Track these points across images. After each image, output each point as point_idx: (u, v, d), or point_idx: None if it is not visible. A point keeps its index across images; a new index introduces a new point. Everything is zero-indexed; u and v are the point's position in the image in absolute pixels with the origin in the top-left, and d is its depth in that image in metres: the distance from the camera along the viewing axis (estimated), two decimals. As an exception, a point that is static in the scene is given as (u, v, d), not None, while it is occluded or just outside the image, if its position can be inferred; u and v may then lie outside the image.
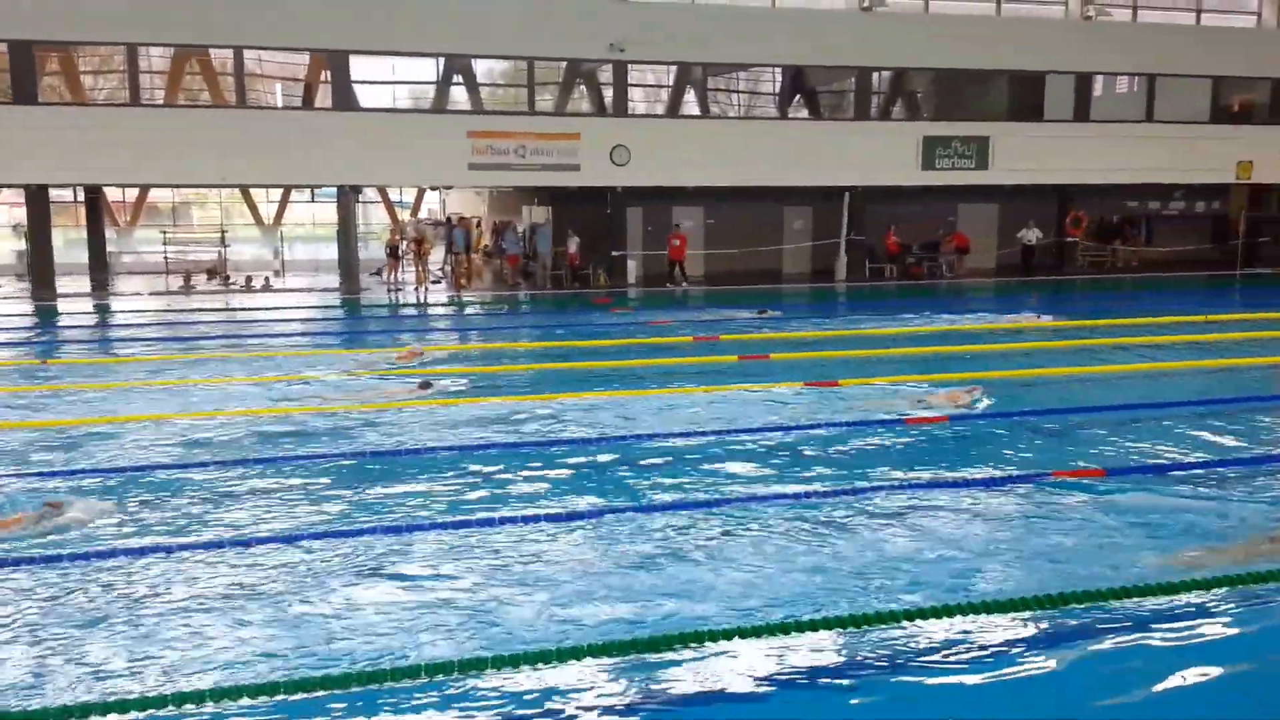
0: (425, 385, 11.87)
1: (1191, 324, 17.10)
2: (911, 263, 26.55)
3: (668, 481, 8.19)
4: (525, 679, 4.89)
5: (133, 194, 32.51)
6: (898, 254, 26.37)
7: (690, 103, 25.52)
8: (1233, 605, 5.73)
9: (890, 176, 25.37)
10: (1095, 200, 27.85)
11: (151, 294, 23.89)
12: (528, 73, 23.92)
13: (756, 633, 5.28)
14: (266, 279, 25.91)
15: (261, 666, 5.04)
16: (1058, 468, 8.37)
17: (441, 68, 23.74)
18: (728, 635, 5.22)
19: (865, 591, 5.93)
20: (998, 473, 8.36)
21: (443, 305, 22.83)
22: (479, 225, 29.45)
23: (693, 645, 5.14)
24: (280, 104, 27.01)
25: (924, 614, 5.46)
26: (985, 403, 11.00)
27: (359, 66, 23.12)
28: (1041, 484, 7.95)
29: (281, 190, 32.91)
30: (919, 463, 8.70)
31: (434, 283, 25.82)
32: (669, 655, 5.09)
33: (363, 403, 11.25)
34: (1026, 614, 5.52)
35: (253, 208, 33.96)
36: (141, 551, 6.56)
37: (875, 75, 25.72)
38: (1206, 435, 9.61)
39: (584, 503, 7.61)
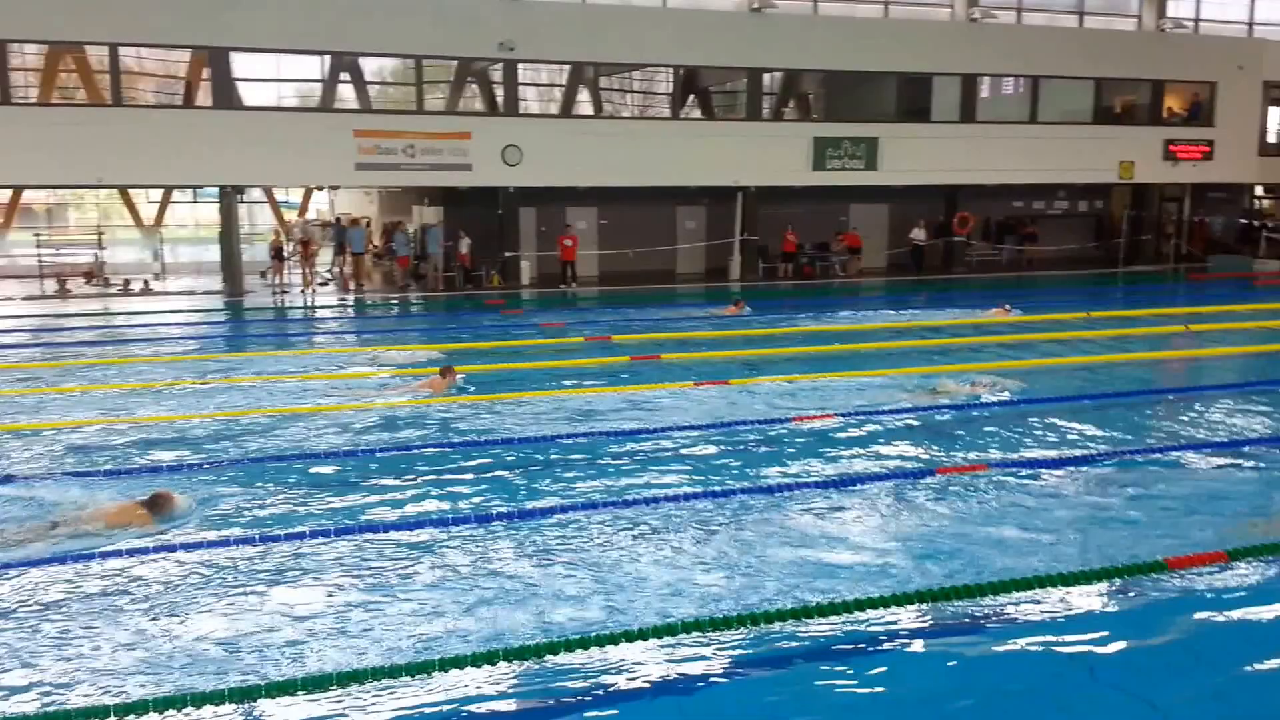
0: (446, 372, 11.94)
1: (1073, 321, 17.53)
2: (804, 262, 26.76)
3: (553, 486, 8.11)
4: (405, 691, 4.76)
5: (5, 195, 30.97)
6: (794, 253, 26.55)
7: (583, 102, 25.33)
8: (1107, 594, 5.86)
9: (782, 177, 25.52)
10: (982, 200, 28.44)
11: (25, 299, 22.77)
12: (416, 71, 23.45)
13: (643, 635, 5.24)
14: (145, 282, 24.91)
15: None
16: (943, 464, 8.48)
17: (327, 65, 23.08)
18: (614, 639, 5.18)
19: (757, 589, 5.93)
20: (886, 468, 8.45)
21: (331, 308, 22.20)
22: (368, 226, 28.76)
23: (582, 649, 5.08)
24: (159, 102, 25.96)
25: (811, 612, 5.51)
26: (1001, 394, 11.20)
27: (241, 64, 22.40)
28: (928, 479, 8.04)
29: (162, 191, 31.73)
30: (810, 461, 8.72)
31: (322, 285, 25.13)
32: (560, 661, 5.02)
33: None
34: (911, 608, 5.58)
35: (132, 209, 32.60)
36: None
37: (766, 76, 25.86)
38: (1088, 429, 9.78)
39: (467, 506, 7.50)
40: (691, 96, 26.22)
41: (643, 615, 5.58)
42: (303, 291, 24.07)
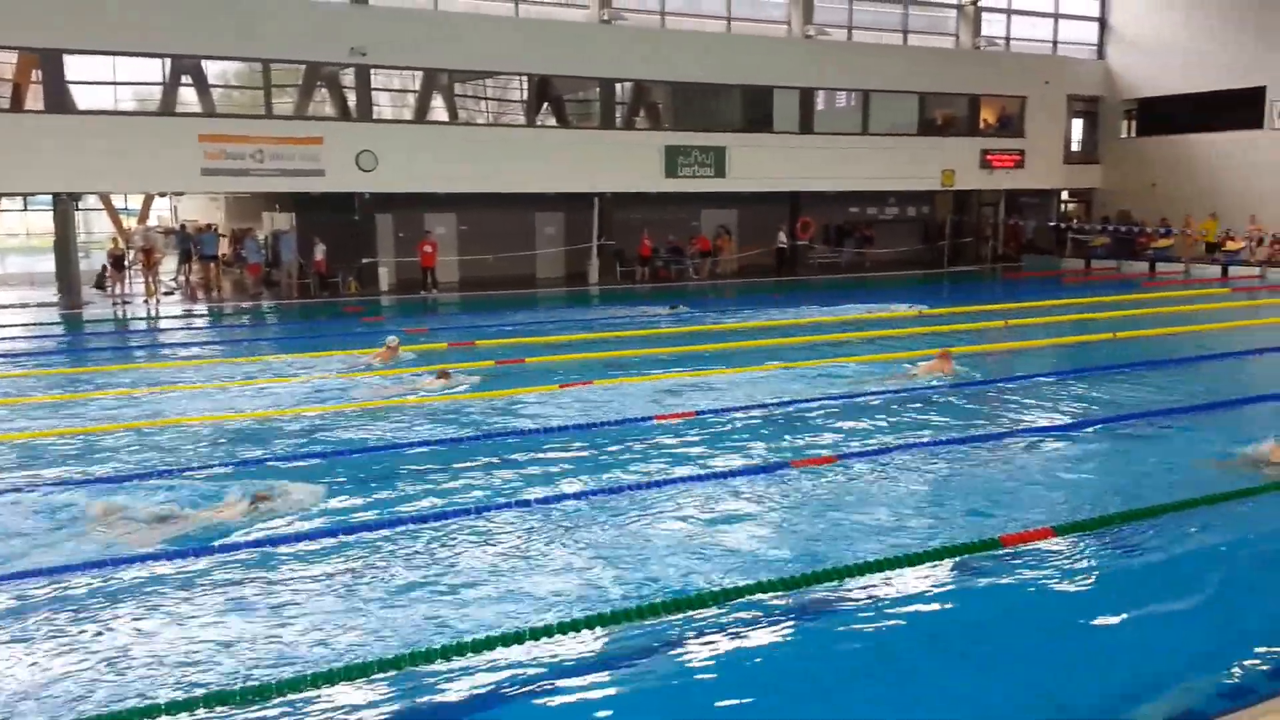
0: (444, 375, 12.39)
1: (908, 318, 18.91)
2: (660, 265, 27.69)
3: (414, 489, 8.26)
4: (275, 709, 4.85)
5: None
6: (650, 257, 27.43)
7: (438, 108, 25.46)
8: (949, 570, 6.47)
9: (636, 183, 26.32)
10: (822, 206, 30.05)
11: None
12: (264, 75, 23.08)
13: (519, 638, 5.39)
14: (-28, 294, 23.63)
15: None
16: (796, 457, 9.03)
17: (168, 68, 22.45)
18: (490, 644, 5.33)
19: (626, 584, 6.24)
20: (745, 463, 8.88)
21: (176, 318, 21.57)
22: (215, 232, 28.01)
23: (455, 656, 5.22)
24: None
25: (682, 604, 5.78)
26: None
27: (75, 66, 21.58)
28: (783, 472, 8.55)
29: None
30: (672, 458, 9.15)
31: (167, 294, 24.41)
32: (431, 668, 5.17)
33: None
34: (773, 594, 5.97)
35: (-47, 216, 30.74)
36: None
37: (618, 86, 26.61)
38: (926, 419, 10.70)
39: (323, 522, 7.50)
40: (546, 104, 26.70)
41: (520, 619, 5.69)
42: (146, 302, 23.31)
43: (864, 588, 6.18)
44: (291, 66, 23.81)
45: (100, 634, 5.68)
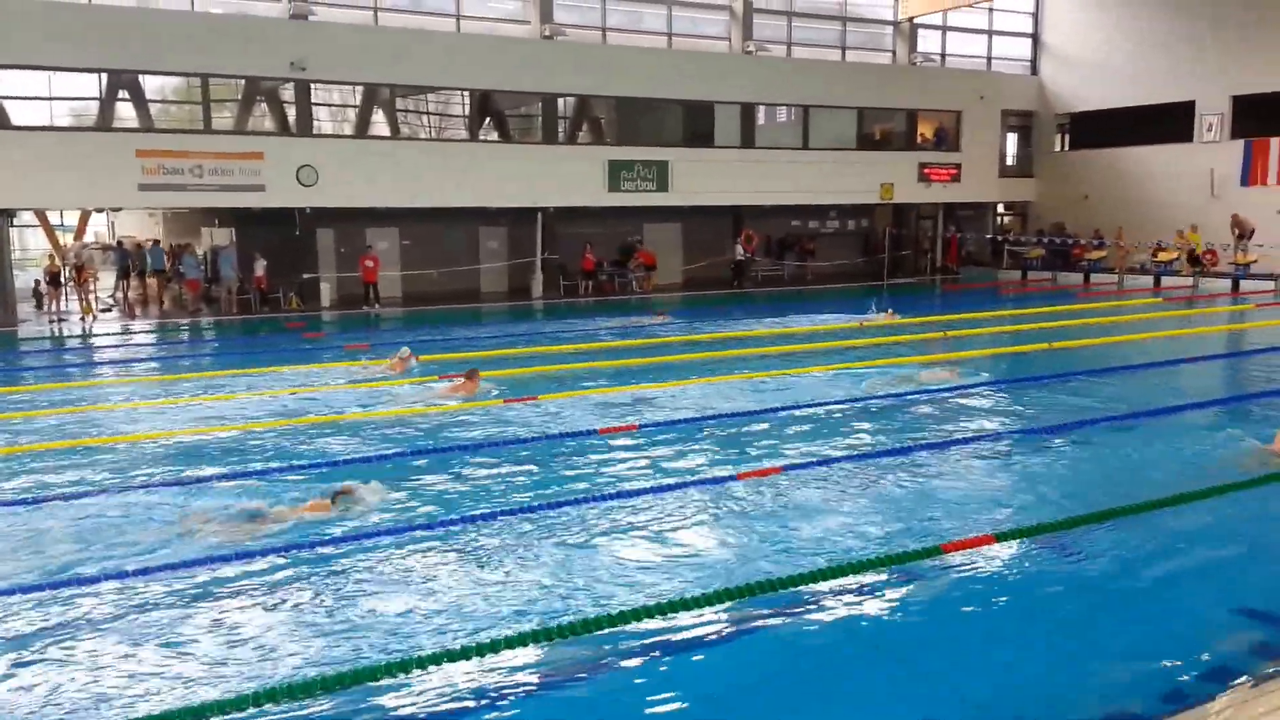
0: (471, 375, 12.82)
1: (848, 330, 19.21)
2: (603, 279, 27.77)
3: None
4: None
5: None
6: (593, 271, 27.51)
7: (380, 123, 25.33)
8: (893, 577, 6.60)
9: (579, 198, 26.39)
10: (764, 220, 30.37)
11: None
12: (203, 90, 22.78)
13: (466, 654, 5.38)
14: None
15: None
16: (742, 468, 9.07)
17: (105, 83, 22.08)
18: (436, 660, 5.32)
19: (567, 599, 6.28)
20: (690, 477, 8.93)
21: (115, 335, 21.20)
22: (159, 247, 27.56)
23: (400, 674, 5.22)
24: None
25: (628, 616, 5.82)
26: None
27: (9, 81, 21.23)
28: (729, 484, 8.60)
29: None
30: (619, 471, 9.22)
31: (105, 311, 23.95)
32: (374, 685, 5.16)
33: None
34: (717, 606, 6.02)
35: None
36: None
37: (560, 101, 26.69)
38: (869, 429, 10.88)
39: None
40: (488, 119, 26.70)
41: (462, 635, 5.73)
42: (82, 319, 22.86)
43: (808, 597, 6.27)
44: (231, 81, 23.55)
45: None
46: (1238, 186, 28.95)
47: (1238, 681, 5.03)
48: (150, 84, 22.88)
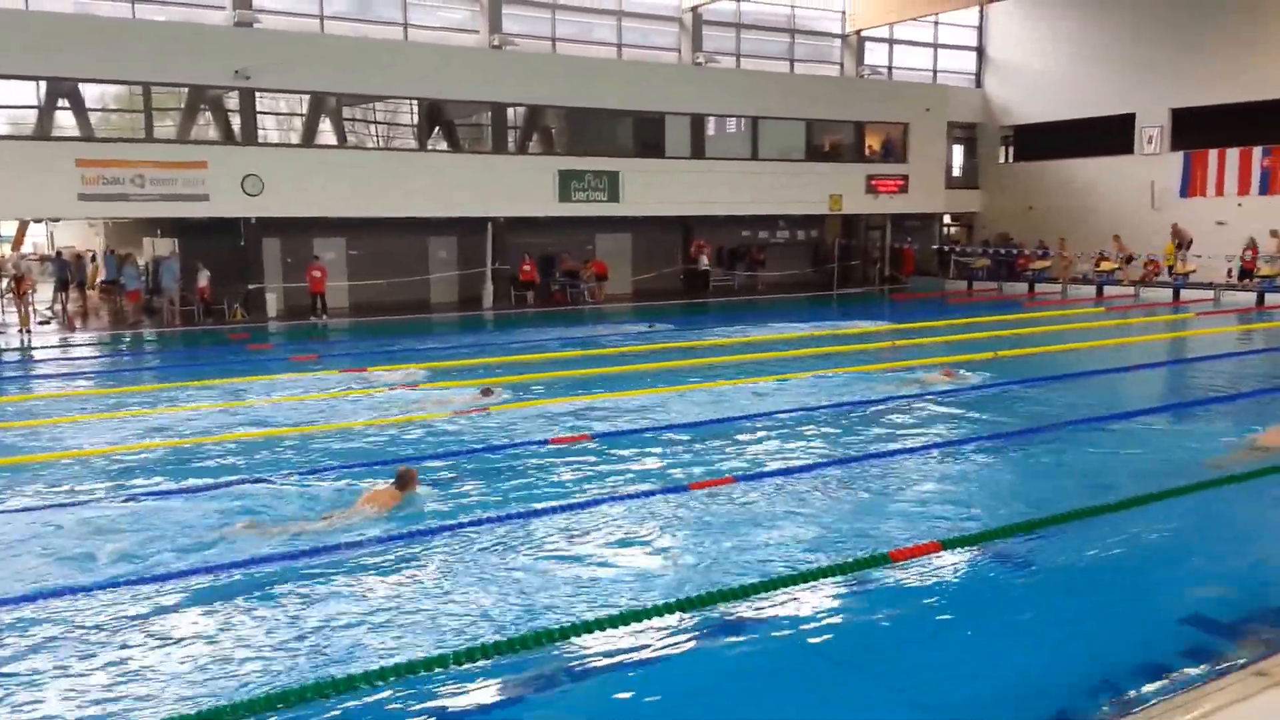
0: (487, 392, 12.77)
1: (801, 339, 19.31)
2: (555, 289, 27.67)
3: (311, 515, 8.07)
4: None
5: None
6: (531, 282, 27.37)
7: (327, 132, 25.04)
8: (842, 586, 6.65)
9: (529, 208, 26.30)
10: (715, 230, 30.48)
11: None
12: (145, 98, 22.35)
13: (412, 669, 5.32)
14: None
15: None
16: (695, 479, 9.06)
17: (43, 91, 21.58)
18: (383, 675, 5.25)
19: (519, 610, 6.23)
20: (645, 486, 8.89)
21: (54, 348, 20.69)
22: (94, 259, 27.03)
23: (348, 690, 5.14)
24: None
25: (579, 629, 5.80)
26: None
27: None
28: (683, 495, 8.58)
29: None
30: (570, 482, 9.18)
31: (43, 323, 23.36)
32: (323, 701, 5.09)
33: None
34: (669, 616, 6.00)
35: None
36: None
37: (510, 111, 26.59)
38: (818, 439, 10.90)
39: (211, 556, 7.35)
40: (438, 129, 26.52)
41: (413, 649, 5.68)
42: (20, 332, 22.27)
43: (759, 606, 6.27)
44: (174, 90, 23.17)
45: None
46: (1177, 198, 29.62)
47: (1187, 682, 5.08)
48: (90, 92, 22.43)
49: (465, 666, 5.40)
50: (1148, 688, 5.13)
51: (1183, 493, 8.50)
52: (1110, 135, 31.03)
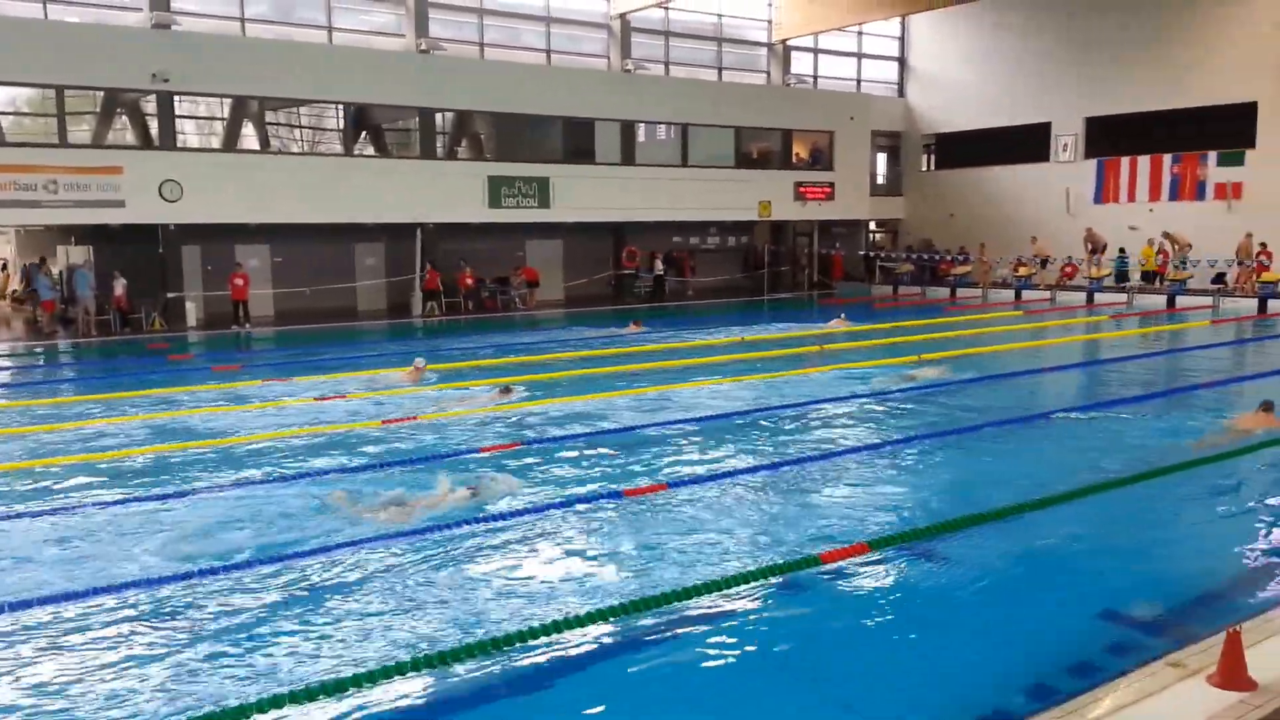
0: (506, 390, 13.09)
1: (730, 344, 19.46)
2: (486, 296, 27.49)
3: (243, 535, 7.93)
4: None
5: None
6: (475, 288, 27.18)
7: (249, 136, 24.56)
8: (774, 588, 6.67)
9: (459, 214, 26.09)
10: (646, 236, 30.57)
11: None
12: (58, 102, 21.68)
13: (340, 687, 5.22)
14: None
15: None
16: (628, 485, 9.00)
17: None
18: (310, 695, 5.14)
19: (449, 622, 6.17)
20: (579, 491, 8.86)
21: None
22: (4, 269, 26.14)
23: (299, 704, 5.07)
24: None
25: (512, 639, 5.76)
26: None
27: None
28: (614, 501, 8.54)
29: None
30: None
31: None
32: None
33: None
34: (601, 623, 5.99)
35: None
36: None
37: (438, 116, 26.36)
38: (749, 443, 10.97)
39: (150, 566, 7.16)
40: (365, 134, 26.19)
41: (340, 667, 5.58)
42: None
43: (689, 611, 6.27)
44: (88, 93, 22.52)
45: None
46: (1091, 204, 30.52)
47: (1107, 675, 5.20)
48: (0, 95, 21.71)
49: (396, 680, 5.32)
50: (1072, 682, 5.24)
51: (1104, 488, 8.74)
52: (1027, 143, 31.87)
